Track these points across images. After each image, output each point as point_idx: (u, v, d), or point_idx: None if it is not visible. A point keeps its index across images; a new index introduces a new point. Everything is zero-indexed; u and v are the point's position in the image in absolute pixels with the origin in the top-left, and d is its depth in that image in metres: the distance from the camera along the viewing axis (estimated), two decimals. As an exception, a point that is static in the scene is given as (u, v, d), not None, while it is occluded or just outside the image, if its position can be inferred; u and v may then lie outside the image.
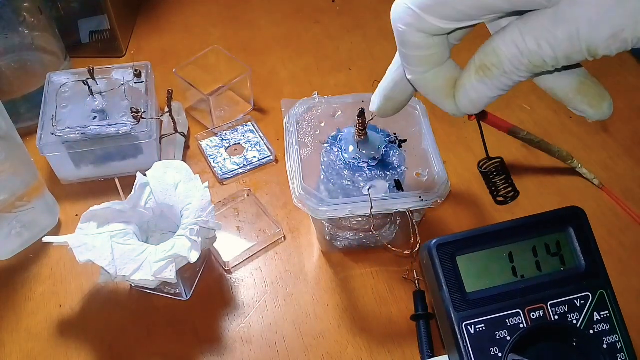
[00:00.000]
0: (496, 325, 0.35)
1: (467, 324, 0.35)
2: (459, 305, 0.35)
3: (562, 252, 0.37)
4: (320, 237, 0.54)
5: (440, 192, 0.45)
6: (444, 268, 0.36)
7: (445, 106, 0.31)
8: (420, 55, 0.29)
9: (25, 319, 0.49)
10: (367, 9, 0.82)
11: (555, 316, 0.35)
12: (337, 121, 0.51)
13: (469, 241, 0.36)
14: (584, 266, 0.37)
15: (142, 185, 0.49)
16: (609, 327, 0.35)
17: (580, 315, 0.35)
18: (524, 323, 0.35)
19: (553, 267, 0.37)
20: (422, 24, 0.27)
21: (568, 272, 0.36)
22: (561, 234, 0.37)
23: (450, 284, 0.36)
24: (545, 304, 0.35)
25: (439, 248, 0.36)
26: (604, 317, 0.36)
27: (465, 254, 0.36)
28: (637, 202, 0.58)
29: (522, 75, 0.26)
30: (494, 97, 0.28)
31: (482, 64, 0.27)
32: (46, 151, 0.55)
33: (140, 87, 0.59)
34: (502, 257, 0.37)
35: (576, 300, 0.36)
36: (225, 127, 0.65)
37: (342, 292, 0.51)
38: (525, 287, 0.36)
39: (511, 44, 0.25)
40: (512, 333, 0.35)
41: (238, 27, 0.80)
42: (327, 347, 0.48)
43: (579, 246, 0.37)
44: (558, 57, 0.25)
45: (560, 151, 0.59)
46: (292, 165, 0.47)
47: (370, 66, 0.74)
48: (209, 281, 0.52)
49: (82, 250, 0.44)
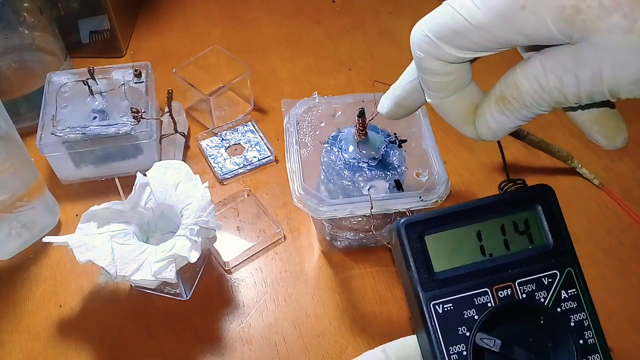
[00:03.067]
0: (464, 304, 0.35)
1: (435, 304, 0.35)
2: (427, 285, 0.35)
3: (530, 231, 0.37)
4: (320, 237, 0.54)
5: (440, 192, 0.45)
6: (412, 248, 0.35)
7: (465, 132, 0.31)
8: (439, 82, 0.29)
9: (25, 319, 0.49)
10: (367, 9, 0.82)
11: (523, 294, 0.35)
12: (337, 121, 0.51)
13: (438, 220, 0.36)
14: (552, 244, 0.36)
15: (142, 185, 0.49)
16: (576, 305, 0.36)
17: (547, 294, 0.36)
18: (491, 302, 0.35)
19: (521, 245, 0.37)
20: (439, 53, 0.27)
21: (536, 250, 0.36)
22: (529, 212, 0.37)
23: (419, 264, 0.35)
24: (513, 282, 0.35)
25: (407, 227, 0.36)
26: (571, 294, 0.36)
27: (434, 233, 0.36)
28: (637, 202, 0.58)
29: (543, 109, 0.26)
30: (514, 127, 0.28)
31: (503, 96, 0.27)
32: (46, 151, 0.55)
33: (140, 87, 0.59)
34: (470, 236, 0.37)
35: (544, 279, 0.36)
36: (225, 127, 0.65)
37: (342, 292, 0.51)
38: (493, 265, 0.36)
39: (533, 79, 0.25)
40: (480, 312, 0.35)
41: (238, 27, 0.80)
42: (327, 347, 0.48)
43: (547, 224, 0.37)
44: (580, 96, 0.24)
45: (560, 151, 0.59)
46: (292, 165, 0.47)
47: (370, 66, 0.74)
48: (209, 281, 0.52)
49: (82, 250, 0.44)
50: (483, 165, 0.61)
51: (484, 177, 0.60)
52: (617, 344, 0.47)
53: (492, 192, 0.63)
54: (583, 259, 0.56)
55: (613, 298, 0.50)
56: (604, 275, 0.52)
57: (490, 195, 0.37)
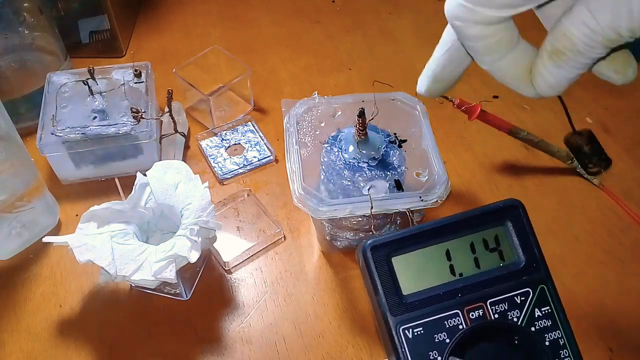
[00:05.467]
0: (434, 327, 0.34)
1: (404, 328, 0.34)
2: (395, 309, 0.34)
3: (500, 247, 0.36)
4: (320, 237, 0.54)
5: (440, 192, 0.45)
6: (378, 271, 0.34)
7: (525, 92, 0.30)
8: (486, 44, 0.29)
9: (25, 319, 0.49)
10: (367, 9, 0.82)
11: (495, 315, 0.34)
12: (337, 121, 0.51)
13: (405, 240, 0.35)
14: (524, 261, 0.35)
15: (142, 185, 0.49)
16: (551, 323, 0.34)
17: (520, 313, 0.34)
18: (463, 324, 0.34)
19: (492, 263, 0.35)
20: (476, 17, 0.27)
21: (507, 268, 0.35)
22: (499, 228, 0.36)
23: (386, 288, 0.34)
24: (484, 302, 0.34)
25: (373, 250, 0.35)
26: (545, 313, 0.35)
27: (401, 254, 0.35)
28: (637, 202, 0.58)
29: (598, 52, 0.26)
30: (573, 77, 0.28)
31: (555, 49, 0.27)
32: (46, 151, 0.55)
33: (140, 87, 0.59)
34: (439, 256, 0.35)
35: (516, 297, 0.35)
36: (225, 127, 0.65)
37: (342, 292, 0.51)
38: (463, 285, 0.35)
39: (581, 25, 0.25)
40: (452, 335, 0.34)
41: (238, 27, 0.80)
42: (327, 347, 0.47)
43: (517, 240, 0.36)
44: (633, 27, 0.24)
45: (560, 151, 0.59)
46: (292, 165, 0.47)
47: (370, 66, 0.74)
48: (209, 281, 0.52)
49: (82, 250, 0.44)
50: (483, 165, 0.61)
51: (484, 177, 0.60)
52: (617, 344, 0.47)
53: (492, 192, 0.64)
54: (583, 259, 0.56)
55: (613, 298, 0.50)
56: (604, 275, 0.52)
57: (458, 213, 0.36)
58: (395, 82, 0.50)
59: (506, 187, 0.59)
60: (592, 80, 0.29)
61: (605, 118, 0.66)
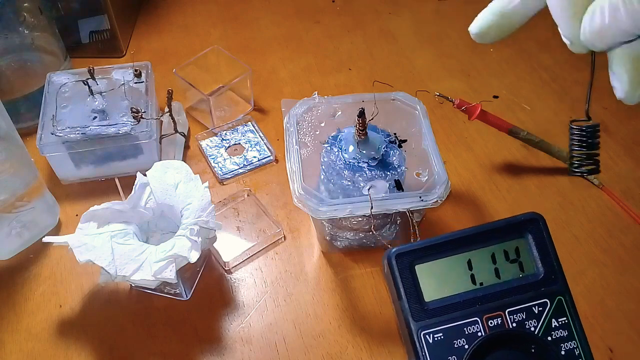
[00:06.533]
0: (454, 334, 0.35)
1: (425, 333, 0.35)
2: (417, 315, 0.35)
3: (520, 259, 0.37)
4: (320, 237, 0.54)
5: (440, 192, 0.45)
6: (402, 277, 0.36)
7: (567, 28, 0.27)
8: None
9: (25, 319, 0.49)
10: (367, 9, 0.82)
11: (513, 323, 0.35)
12: (337, 121, 0.51)
13: (428, 250, 0.36)
14: (543, 272, 0.37)
15: (142, 185, 0.49)
16: (567, 334, 0.36)
17: (538, 322, 0.36)
18: (482, 331, 0.35)
19: (512, 274, 0.37)
20: None
21: (527, 279, 0.37)
22: (520, 240, 0.37)
23: (409, 294, 0.36)
24: (503, 311, 0.36)
25: (398, 257, 0.36)
26: (562, 323, 0.36)
27: (424, 262, 0.36)
28: (637, 202, 0.58)
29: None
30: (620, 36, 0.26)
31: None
32: (46, 151, 0.55)
33: (140, 87, 0.59)
34: (461, 265, 0.37)
35: (534, 307, 0.36)
36: (225, 127, 0.65)
37: (342, 292, 0.51)
38: (483, 294, 0.36)
39: None
40: (470, 341, 0.35)
41: (238, 27, 0.80)
42: (327, 347, 0.48)
43: (537, 252, 0.37)
44: None
45: (560, 151, 0.59)
46: (292, 165, 0.47)
47: (370, 66, 0.74)
48: (209, 281, 0.52)
49: (82, 250, 0.44)
50: (483, 165, 0.61)
51: (484, 177, 0.60)
52: (617, 344, 0.47)
53: (492, 192, 0.64)
54: (583, 259, 0.56)
55: (613, 298, 0.50)
56: (604, 275, 0.52)
57: (481, 224, 0.37)
58: (395, 82, 0.50)
59: (506, 187, 0.59)
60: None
61: (605, 118, 0.66)
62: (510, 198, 0.58)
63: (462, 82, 0.71)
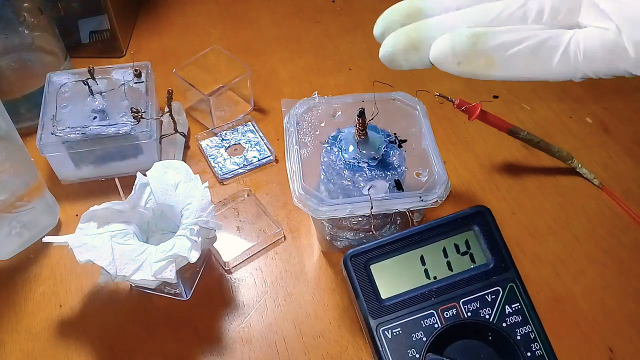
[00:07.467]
0: (412, 327, 0.36)
1: (384, 329, 0.36)
2: (375, 312, 0.37)
3: (471, 251, 0.38)
4: (320, 237, 0.54)
5: (440, 192, 0.45)
6: (358, 278, 0.37)
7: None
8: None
9: (25, 319, 0.49)
10: (367, 9, 0.82)
11: (468, 313, 0.37)
12: (337, 121, 0.51)
13: (381, 249, 0.38)
14: (493, 262, 0.38)
15: (142, 185, 0.49)
16: (521, 319, 0.37)
17: (492, 310, 0.37)
18: (438, 323, 0.36)
19: (464, 265, 0.38)
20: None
21: (478, 269, 0.38)
22: (469, 233, 0.39)
23: (366, 293, 0.37)
24: (457, 302, 0.37)
25: (353, 259, 0.38)
26: (515, 309, 0.37)
27: (379, 261, 0.38)
28: (637, 202, 0.58)
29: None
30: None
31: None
32: (46, 151, 0.55)
33: (140, 87, 0.59)
34: (414, 261, 0.38)
35: (487, 296, 0.37)
36: (225, 127, 0.65)
37: (342, 292, 0.51)
38: (438, 287, 0.37)
39: None
40: (428, 333, 0.36)
41: (238, 27, 0.80)
42: (327, 347, 0.48)
43: (485, 243, 0.38)
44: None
45: (560, 151, 0.59)
46: (292, 165, 0.47)
47: (370, 66, 0.74)
48: (209, 281, 0.52)
49: (82, 250, 0.44)
50: (483, 165, 0.61)
51: (484, 177, 0.60)
52: (617, 344, 0.47)
53: (492, 192, 0.64)
54: (583, 259, 0.56)
55: (613, 298, 0.50)
56: (604, 275, 0.52)
57: (430, 221, 0.39)
58: (395, 82, 0.50)
59: (506, 187, 0.59)
60: (592, 80, 0.29)
61: (605, 118, 0.66)
62: (510, 198, 0.58)
63: (462, 82, 0.71)
